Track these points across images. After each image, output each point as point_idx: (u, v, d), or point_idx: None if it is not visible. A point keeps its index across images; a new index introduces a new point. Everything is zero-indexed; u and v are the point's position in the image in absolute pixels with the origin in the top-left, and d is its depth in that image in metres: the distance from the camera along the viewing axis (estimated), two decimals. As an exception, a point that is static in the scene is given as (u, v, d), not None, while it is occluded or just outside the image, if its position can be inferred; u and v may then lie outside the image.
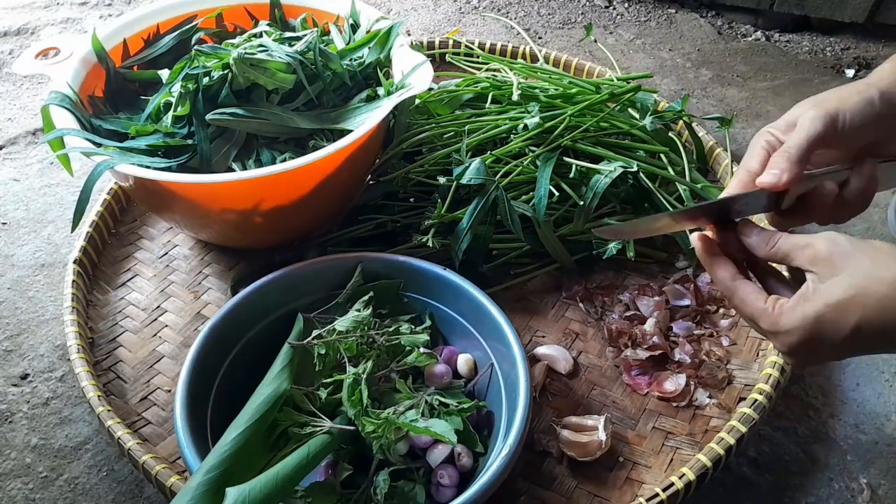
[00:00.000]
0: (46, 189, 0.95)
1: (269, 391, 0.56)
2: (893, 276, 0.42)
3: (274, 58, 0.73)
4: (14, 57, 1.20)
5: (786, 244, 0.47)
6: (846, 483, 0.64)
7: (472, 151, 0.81)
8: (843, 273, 0.43)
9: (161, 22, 0.85)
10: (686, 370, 0.69)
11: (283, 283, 0.66)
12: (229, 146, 0.72)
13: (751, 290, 0.48)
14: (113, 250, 0.84)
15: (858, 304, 0.42)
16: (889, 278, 0.42)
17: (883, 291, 0.42)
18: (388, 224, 0.79)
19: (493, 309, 0.63)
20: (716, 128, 0.96)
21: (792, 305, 0.45)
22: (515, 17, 1.30)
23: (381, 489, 0.55)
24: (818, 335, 0.44)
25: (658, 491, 0.58)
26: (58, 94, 0.72)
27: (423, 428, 0.54)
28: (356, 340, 0.60)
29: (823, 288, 0.44)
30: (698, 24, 1.29)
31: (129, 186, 0.72)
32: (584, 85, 0.91)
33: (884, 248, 0.44)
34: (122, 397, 0.69)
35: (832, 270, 0.44)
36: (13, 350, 0.75)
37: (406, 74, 0.74)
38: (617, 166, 0.78)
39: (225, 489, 0.49)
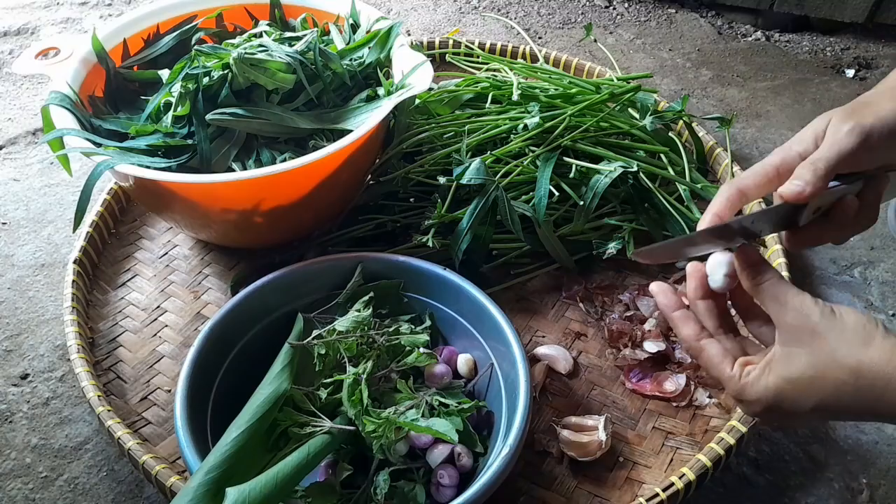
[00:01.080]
0: (46, 189, 0.95)
1: (269, 391, 0.56)
2: (851, 364, 0.41)
3: (274, 58, 0.73)
4: (14, 57, 1.20)
5: (768, 291, 0.45)
6: (846, 483, 0.64)
7: (472, 151, 0.81)
8: (805, 349, 0.43)
9: (161, 22, 0.85)
10: (686, 370, 0.69)
11: (283, 283, 0.66)
12: (229, 146, 0.72)
13: (714, 353, 0.48)
14: (113, 250, 0.84)
15: (817, 386, 0.42)
16: (847, 365, 0.41)
17: (840, 377, 0.41)
18: (388, 224, 0.79)
19: (493, 309, 0.63)
20: (716, 128, 0.96)
21: (756, 376, 0.45)
22: (515, 17, 1.30)
23: (382, 489, 0.55)
24: (779, 408, 0.44)
25: (658, 491, 0.58)
26: (58, 94, 0.72)
27: (425, 427, 0.54)
28: (356, 340, 0.60)
29: (785, 358, 0.44)
30: (698, 24, 1.29)
31: (129, 186, 0.72)
32: (584, 85, 0.91)
33: (851, 325, 0.42)
34: (122, 397, 0.69)
35: (797, 342, 0.43)
36: (13, 350, 0.75)
37: (406, 74, 0.74)
38: (617, 166, 0.78)
39: (225, 489, 0.49)
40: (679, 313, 0.50)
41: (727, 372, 0.46)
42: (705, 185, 0.85)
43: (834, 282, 0.81)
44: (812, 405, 0.43)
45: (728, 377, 0.46)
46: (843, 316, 0.43)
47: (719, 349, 0.48)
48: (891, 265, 0.83)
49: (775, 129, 1.03)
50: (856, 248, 0.86)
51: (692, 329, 0.49)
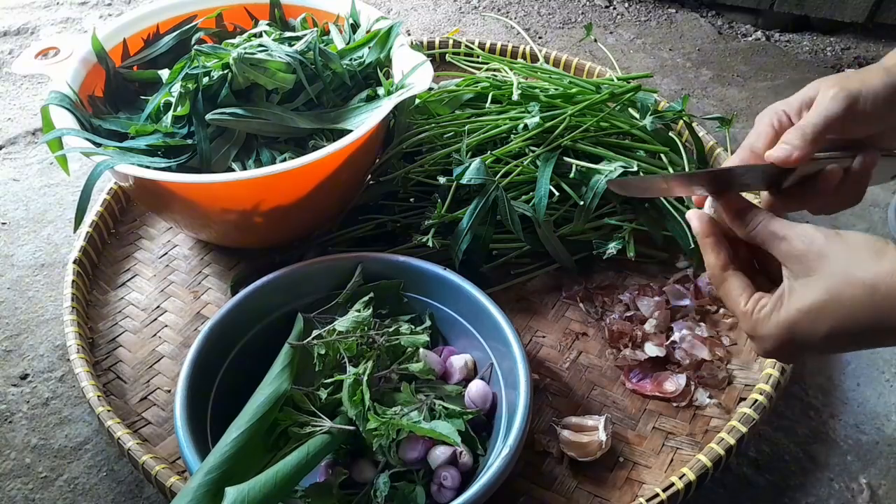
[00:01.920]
0: (46, 189, 0.95)
1: (269, 391, 0.56)
2: (866, 278, 0.40)
3: (274, 58, 0.73)
4: (14, 57, 1.20)
5: (764, 230, 0.45)
6: (846, 483, 0.64)
7: (472, 151, 0.81)
8: (816, 275, 0.42)
9: (161, 22, 0.85)
10: (686, 370, 0.69)
11: (283, 283, 0.66)
12: (229, 146, 0.72)
13: (735, 286, 0.46)
14: (113, 250, 0.84)
15: (831, 309, 0.41)
16: (862, 280, 0.40)
17: (856, 295, 0.40)
18: (388, 224, 0.79)
19: (493, 309, 0.63)
20: (716, 128, 0.96)
21: (768, 311, 0.44)
22: (515, 17, 1.30)
23: (382, 491, 0.55)
24: (792, 340, 0.43)
25: (658, 491, 0.58)
26: (58, 94, 0.72)
27: (428, 429, 0.54)
28: (356, 341, 0.60)
29: (797, 290, 0.43)
30: (698, 24, 1.29)
31: (129, 186, 0.72)
32: (585, 85, 0.91)
33: (860, 243, 0.41)
34: (122, 397, 0.69)
35: (806, 270, 0.42)
36: (13, 350, 0.75)
37: (406, 74, 0.74)
38: (617, 166, 0.78)
39: (225, 489, 0.49)
40: (711, 239, 0.48)
41: (741, 306, 0.45)
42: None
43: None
44: (826, 331, 0.41)
45: (742, 312, 0.45)
46: (849, 235, 0.42)
47: (741, 283, 0.46)
48: (891, 265, 0.83)
49: (775, 129, 1.03)
50: (856, 248, 0.85)
51: (721, 258, 0.47)
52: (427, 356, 0.63)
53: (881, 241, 0.41)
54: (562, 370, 0.70)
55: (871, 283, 0.40)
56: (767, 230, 0.45)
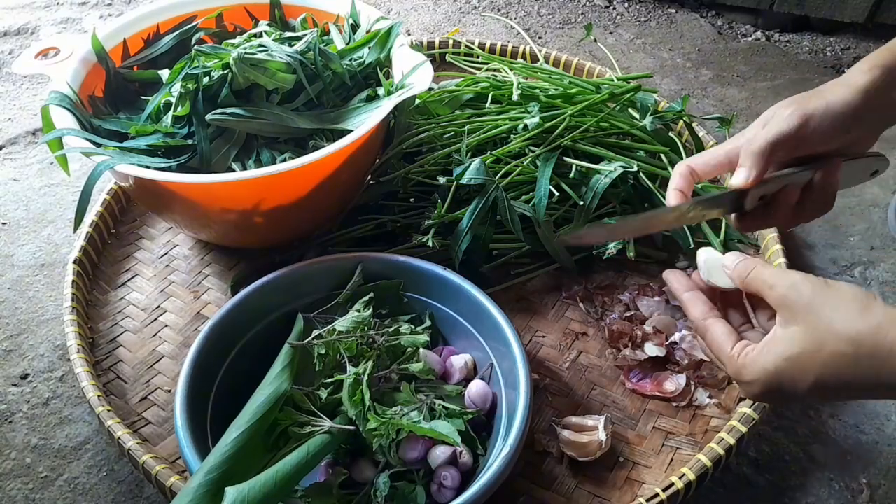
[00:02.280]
0: (46, 189, 0.95)
1: (269, 391, 0.56)
2: (850, 334, 0.40)
3: (274, 58, 0.73)
4: (14, 57, 1.20)
5: (756, 280, 0.46)
6: (846, 483, 0.64)
7: (472, 151, 0.81)
8: (801, 325, 0.42)
9: (161, 22, 0.85)
10: (686, 370, 0.69)
11: (283, 283, 0.66)
12: (229, 146, 0.72)
13: (720, 333, 0.47)
14: (113, 250, 0.84)
15: (816, 361, 0.41)
16: (846, 335, 0.40)
17: (839, 349, 0.40)
18: (388, 224, 0.79)
19: (493, 309, 0.63)
20: (716, 128, 0.96)
21: (755, 356, 0.44)
22: (515, 17, 1.30)
23: (382, 491, 0.55)
24: (778, 388, 0.43)
25: (658, 491, 0.58)
26: (58, 94, 0.72)
27: (428, 429, 0.54)
28: (356, 341, 0.60)
29: (784, 339, 0.43)
30: (698, 24, 1.29)
31: (129, 186, 0.72)
32: (584, 85, 0.91)
33: (847, 296, 0.42)
34: (122, 397, 0.69)
35: (793, 319, 0.43)
36: (13, 350, 0.75)
37: (406, 74, 0.74)
38: (617, 166, 0.78)
39: (225, 489, 0.49)
40: (689, 294, 0.50)
41: (727, 351, 0.46)
42: (705, 185, 0.85)
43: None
44: (811, 382, 0.42)
45: (728, 357, 0.46)
46: (837, 287, 0.42)
47: (724, 329, 0.47)
48: (891, 265, 0.83)
49: (775, 129, 1.03)
50: (856, 248, 0.86)
51: (700, 309, 0.49)
52: (427, 356, 0.63)
53: (869, 296, 0.41)
54: (562, 370, 0.70)
55: (855, 338, 0.40)
56: (759, 279, 0.46)
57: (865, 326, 0.40)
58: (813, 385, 0.42)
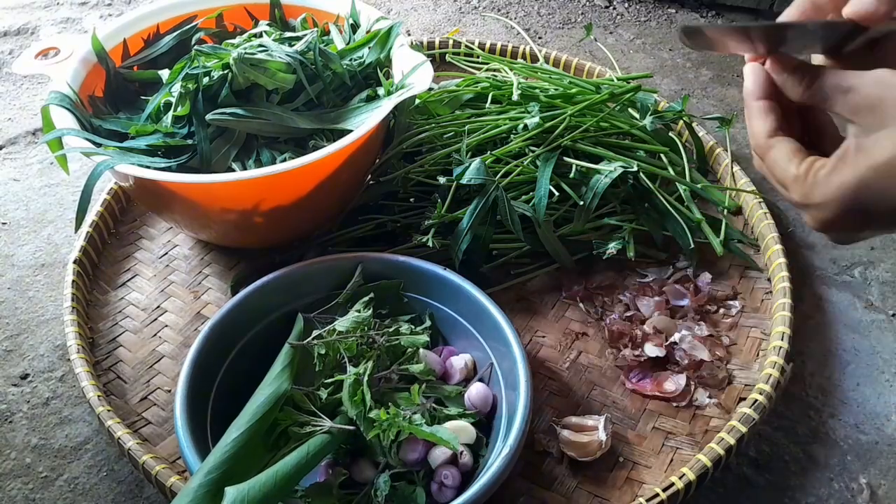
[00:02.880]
0: (46, 189, 0.95)
1: (269, 391, 0.56)
2: None
3: (274, 58, 0.73)
4: (14, 57, 1.20)
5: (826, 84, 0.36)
6: (846, 483, 0.64)
7: (472, 151, 0.81)
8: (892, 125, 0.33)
9: (161, 22, 0.85)
10: (686, 370, 0.69)
11: (283, 283, 0.66)
12: (229, 146, 0.72)
13: (784, 152, 0.38)
14: (113, 250, 0.84)
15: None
16: None
17: None
18: (388, 224, 0.79)
19: (493, 309, 0.63)
20: (716, 128, 0.96)
21: (828, 171, 0.36)
22: (515, 17, 1.30)
23: (382, 491, 0.55)
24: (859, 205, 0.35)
25: (658, 491, 0.58)
26: (58, 94, 0.72)
27: (429, 433, 0.54)
28: (356, 341, 0.60)
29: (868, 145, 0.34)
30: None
31: (129, 186, 0.72)
32: (584, 85, 0.91)
33: None
34: (122, 397, 0.69)
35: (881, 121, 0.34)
36: (13, 350, 0.75)
37: (406, 74, 0.74)
38: (617, 166, 0.78)
39: (225, 489, 0.49)
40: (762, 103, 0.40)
41: (792, 170, 0.38)
42: (705, 185, 0.85)
43: (834, 282, 0.81)
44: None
45: (794, 176, 0.38)
46: None
47: (792, 146, 0.39)
48: (891, 265, 0.83)
49: (775, 129, 1.03)
50: (856, 247, 0.86)
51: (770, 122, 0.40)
52: (427, 356, 0.63)
53: None
54: (562, 370, 0.70)
55: None
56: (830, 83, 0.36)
57: None
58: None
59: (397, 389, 0.60)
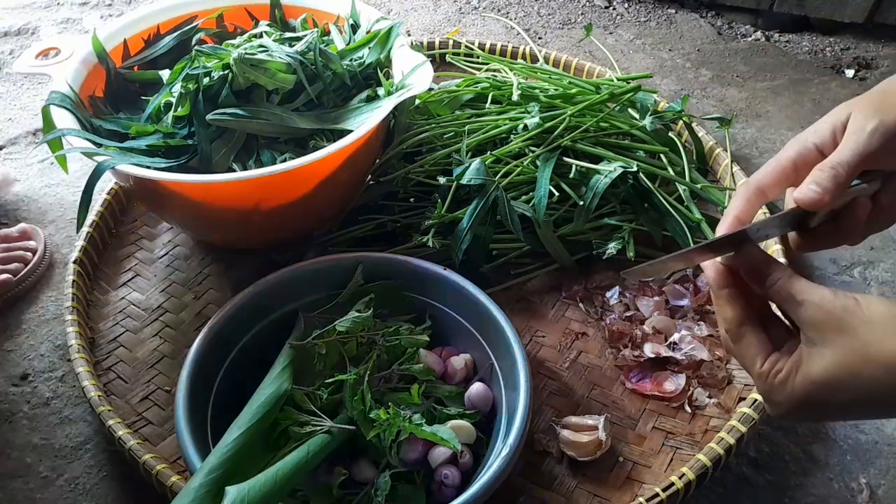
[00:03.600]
0: (46, 189, 0.95)
1: (270, 391, 0.56)
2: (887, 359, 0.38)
3: (274, 58, 0.73)
4: (14, 57, 1.20)
5: (782, 291, 0.42)
6: (846, 483, 0.64)
7: (472, 151, 0.81)
8: (832, 347, 0.39)
9: (161, 22, 0.85)
10: (686, 370, 0.69)
11: (283, 283, 0.66)
12: (229, 146, 0.72)
13: (752, 345, 0.43)
14: (113, 250, 0.84)
15: (849, 385, 0.39)
16: (883, 361, 0.38)
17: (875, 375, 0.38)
18: (388, 224, 0.79)
19: (493, 309, 0.63)
20: (716, 128, 0.96)
21: (783, 377, 0.42)
22: (515, 17, 1.30)
23: (382, 491, 0.55)
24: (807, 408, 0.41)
25: (658, 491, 0.58)
26: (58, 94, 0.72)
27: (430, 432, 0.54)
28: (356, 341, 0.60)
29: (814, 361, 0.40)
30: (698, 24, 1.29)
31: (129, 186, 0.72)
32: (584, 85, 0.91)
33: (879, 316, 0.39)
34: (123, 397, 0.69)
35: (823, 341, 0.40)
36: (13, 350, 0.75)
37: (406, 75, 0.74)
38: (617, 166, 0.78)
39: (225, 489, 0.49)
40: (727, 291, 0.45)
41: (757, 368, 0.43)
42: (705, 185, 0.85)
43: (834, 282, 0.81)
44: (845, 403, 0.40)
45: (758, 374, 0.43)
46: (869, 306, 0.39)
47: (758, 341, 0.43)
48: (891, 265, 0.83)
49: (775, 130, 1.03)
50: (856, 248, 0.86)
51: (738, 313, 0.44)
52: (427, 356, 0.63)
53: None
54: (562, 370, 0.70)
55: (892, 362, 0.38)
56: (786, 292, 0.42)
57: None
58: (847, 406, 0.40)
59: (397, 389, 0.60)
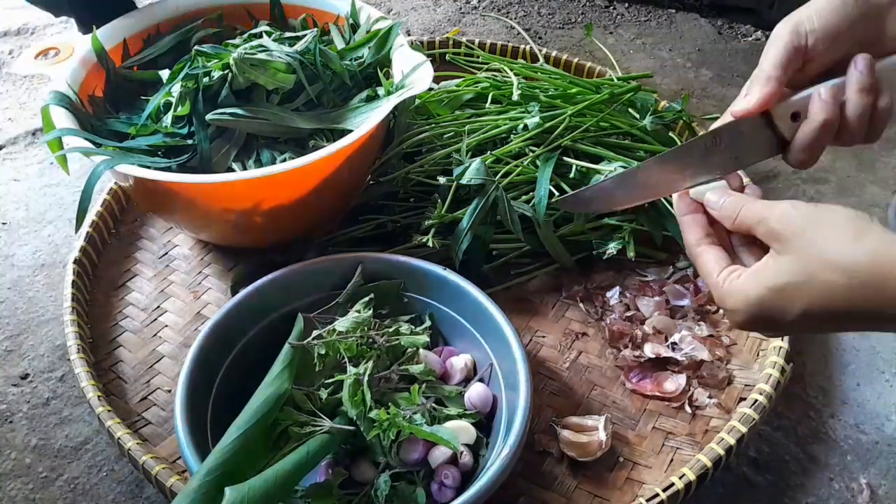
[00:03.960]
0: (46, 189, 0.95)
1: (269, 391, 0.56)
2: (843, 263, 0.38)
3: (274, 58, 0.73)
4: (14, 57, 1.20)
5: (747, 216, 0.43)
6: (846, 483, 0.64)
7: (472, 151, 0.81)
8: (791, 254, 0.40)
9: (161, 22, 0.85)
10: (686, 370, 0.69)
11: (283, 283, 0.66)
12: (229, 146, 0.72)
13: (710, 259, 0.45)
14: (113, 250, 0.84)
15: (805, 290, 0.39)
16: (839, 265, 0.38)
17: (831, 279, 0.38)
18: (388, 224, 0.79)
19: (493, 309, 0.63)
20: (716, 128, 0.96)
21: (739, 283, 0.42)
22: (515, 17, 1.30)
23: (382, 491, 0.55)
24: (762, 317, 0.41)
25: (658, 491, 0.58)
26: (57, 94, 0.72)
27: (430, 433, 0.54)
28: (356, 341, 0.60)
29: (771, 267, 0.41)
30: (698, 24, 1.29)
31: (129, 186, 0.72)
32: (584, 85, 0.91)
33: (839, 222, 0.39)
34: (122, 397, 0.69)
35: (784, 249, 0.41)
36: (13, 350, 0.75)
37: (406, 74, 0.74)
38: (617, 166, 0.78)
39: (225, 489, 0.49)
40: (689, 217, 0.47)
41: (713, 277, 0.44)
42: (705, 185, 0.85)
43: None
44: (798, 312, 0.40)
45: (713, 283, 0.44)
46: (830, 212, 0.40)
47: (716, 255, 0.45)
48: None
49: (775, 129, 1.03)
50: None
51: (696, 234, 0.46)
52: (427, 356, 0.63)
53: (863, 220, 0.39)
54: (562, 370, 0.70)
55: (849, 268, 0.38)
56: (750, 214, 0.43)
57: (860, 254, 0.38)
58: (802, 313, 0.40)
59: (397, 389, 0.60)
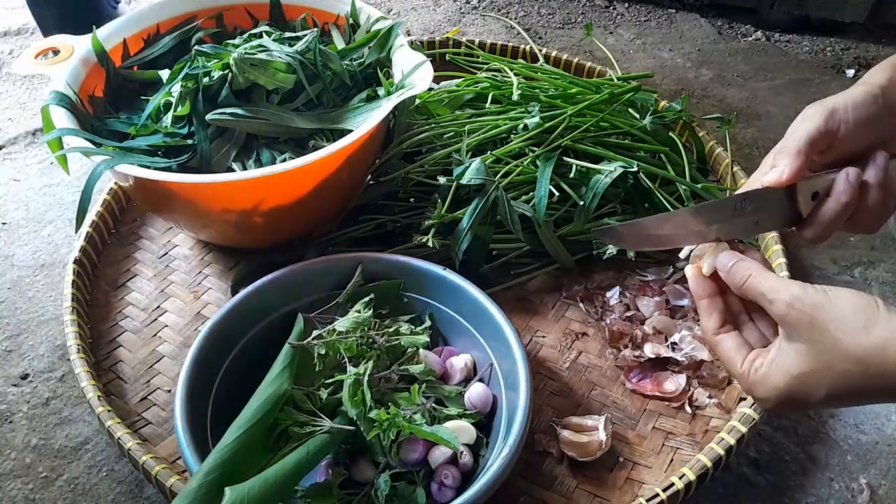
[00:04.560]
0: (46, 189, 0.95)
1: (269, 392, 0.56)
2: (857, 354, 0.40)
3: (274, 58, 0.73)
4: (14, 57, 1.20)
5: (753, 289, 0.45)
6: (846, 483, 0.64)
7: (472, 151, 0.81)
8: (806, 343, 0.42)
9: (161, 22, 0.85)
10: (686, 370, 0.69)
11: (283, 283, 0.66)
12: (229, 146, 0.72)
13: (731, 347, 0.47)
14: (113, 250, 0.84)
15: (825, 378, 0.41)
16: (852, 355, 0.40)
17: (847, 369, 0.40)
18: (388, 224, 0.79)
19: (493, 309, 0.63)
20: (716, 128, 0.96)
21: (763, 373, 0.44)
22: (515, 17, 1.30)
23: (383, 491, 0.55)
24: (791, 402, 0.44)
25: (658, 491, 0.58)
26: (57, 94, 0.72)
27: (430, 432, 0.54)
28: (356, 341, 0.60)
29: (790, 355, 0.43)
30: (698, 24, 1.29)
31: (129, 186, 0.72)
32: (584, 85, 0.91)
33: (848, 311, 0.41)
34: (122, 397, 0.69)
35: (797, 335, 0.43)
36: (13, 350, 0.75)
37: (406, 74, 0.74)
38: (617, 166, 0.78)
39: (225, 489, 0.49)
40: (705, 301, 0.49)
41: (738, 368, 0.46)
42: (705, 185, 0.85)
43: (834, 282, 0.81)
44: (823, 395, 0.42)
45: (739, 374, 0.46)
46: (839, 299, 0.42)
47: (735, 343, 0.47)
48: (891, 265, 0.83)
49: (775, 130, 1.03)
50: (856, 247, 0.86)
51: (714, 321, 0.48)
52: (427, 356, 0.63)
53: (871, 305, 0.41)
54: (562, 370, 0.70)
55: (862, 358, 0.40)
56: (756, 290, 0.45)
57: (871, 344, 0.40)
58: (825, 398, 0.42)
59: (397, 389, 0.60)
